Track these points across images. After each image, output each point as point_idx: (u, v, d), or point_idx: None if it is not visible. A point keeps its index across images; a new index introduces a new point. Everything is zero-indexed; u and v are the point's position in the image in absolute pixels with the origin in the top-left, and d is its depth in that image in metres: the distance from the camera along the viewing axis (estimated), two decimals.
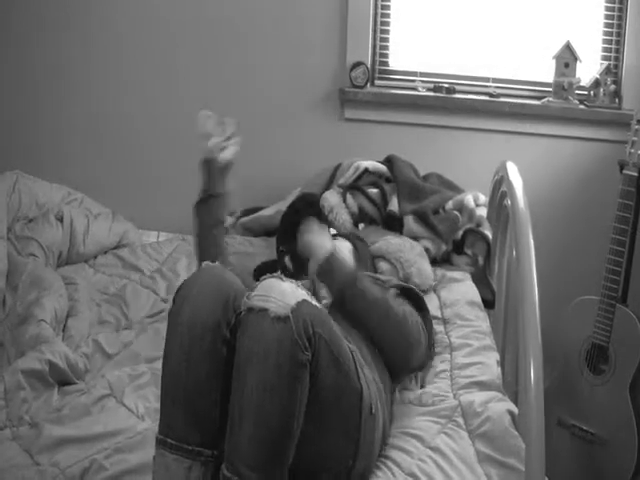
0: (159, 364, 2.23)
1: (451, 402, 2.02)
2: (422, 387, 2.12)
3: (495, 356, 2.24)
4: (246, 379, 1.58)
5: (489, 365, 2.17)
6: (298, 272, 2.11)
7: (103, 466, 1.77)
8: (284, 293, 1.63)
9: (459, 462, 1.82)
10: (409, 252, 2.61)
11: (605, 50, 3.03)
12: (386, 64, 3.23)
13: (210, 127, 2.28)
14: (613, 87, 2.98)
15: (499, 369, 2.18)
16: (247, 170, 3.32)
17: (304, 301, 1.64)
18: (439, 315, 2.48)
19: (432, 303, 2.53)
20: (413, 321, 2.02)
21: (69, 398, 2.08)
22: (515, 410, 1.93)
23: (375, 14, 3.16)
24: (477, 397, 2.01)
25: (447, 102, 3.12)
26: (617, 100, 3.00)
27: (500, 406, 1.95)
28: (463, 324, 2.40)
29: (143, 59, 3.32)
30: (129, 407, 2.03)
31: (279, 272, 1.72)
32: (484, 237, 2.76)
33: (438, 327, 2.42)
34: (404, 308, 2.03)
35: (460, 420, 1.95)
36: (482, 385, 2.08)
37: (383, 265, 2.57)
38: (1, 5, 3.37)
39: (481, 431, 1.90)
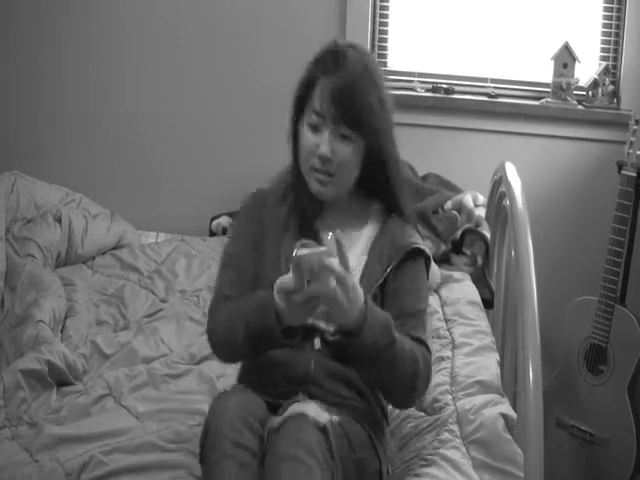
0: (156, 364, 2.25)
1: (448, 408, 2.01)
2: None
3: (495, 356, 2.23)
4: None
5: (489, 365, 2.16)
6: None
7: (103, 461, 1.77)
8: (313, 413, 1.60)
9: (454, 471, 1.79)
10: None
11: (603, 50, 3.03)
12: (385, 64, 3.23)
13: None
14: (611, 87, 2.99)
15: (499, 369, 2.17)
16: (247, 170, 3.33)
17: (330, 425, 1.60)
18: (440, 311, 2.49)
19: (433, 302, 2.53)
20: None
21: (68, 399, 2.08)
22: (509, 413, 1.91)
23: (374, 14, 3.16)
24: (475, 401, 1.98)
25: (445, 102, 3.12)
26: (615, 100, 3.01)
27: (493, 410, 1.92)
28: (464, 322, 2.41)
29: (142, 59, 3.32)
30: (128, 408, 2.03)
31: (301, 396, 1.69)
32: (483, 237, 2.76)
33: (440, 323, 2.42)
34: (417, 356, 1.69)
35: (454, 427, 1.93)
36: (482, 385, 2.06)
37: None
38: (1, 6, 3.37)
39: (474, 438, 1.87)
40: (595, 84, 2.99)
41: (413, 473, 1.81)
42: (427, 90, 3.16)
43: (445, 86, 3.13)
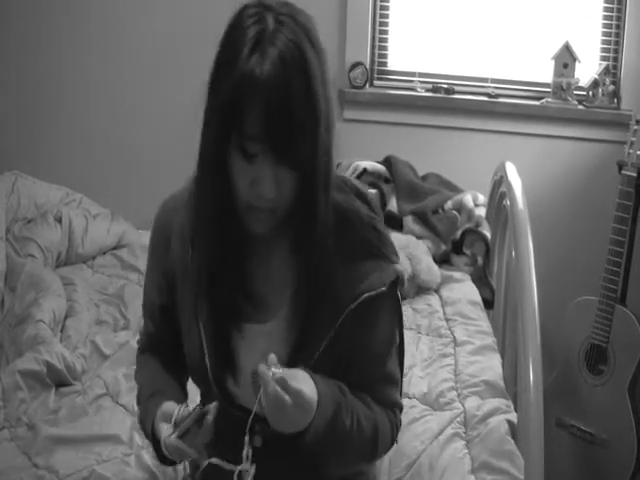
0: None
1: (455, 406, 2.01)
2: None
3: (497, 357, 2.24)
4: None
5: (492, 365, 2.17)
6: None
7: (103, 475, 1.77)
8: None
9: (451, 474, 1.79)
10: (415, 249, 2.62)
11: (604, 50, 3.03)
12: (385, 64, 3.23)
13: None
14: (612, 87, 2.98)
15: (502, 370, 2.17)
16: None
17: None
18: (441, 311, 2.48)
19: (433, 302, 2.53)
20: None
21: (66, 399, 2.08)
22: (514, 420, 1.91)
23: (374, 14, 3.16)
24: (484, 407, 1.98)
25: (446, 102, 3.12)
26: (616, 100, 3.00)
27: (500, 417, 1.93)
28: (465, 322, 2.41)
29: (142, 58, 3.31)
30: (125, 406, 2.04)
31: None
32: (483, 237, 2.76)
33: (441, 322, 2.42)
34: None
35: (460, 429, 1.93)
36: (487, 384, 2.07)
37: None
38: (1, 6, 3.37)
39: (477, 440, 1.88)
40: (595, 84, 2.99)
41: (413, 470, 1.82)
42: (427, 90, 3.16)
43: (445, 86, 3.13)
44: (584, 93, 3.02)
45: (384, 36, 3.19)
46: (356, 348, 1.33)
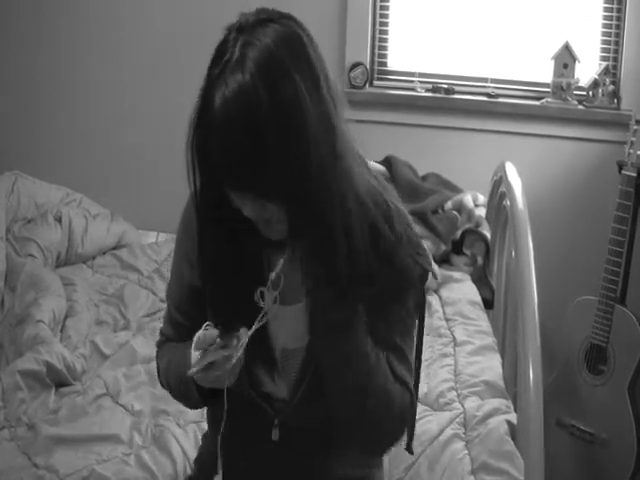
0: (155, 364, 2.24)
1: (454, 407, 2.01)
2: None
3: (497, 357, 2.24)
4: None
5: (492, 366, 2.17)
6: None
7: (103, 475, 1.77)
8: None
9: (450, 475, 1.79)
10: None
11: (604, 51, 3.03)
12: (385, 64, 3.23)
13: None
14: (612, 87, 2.98)
15: (502, 370, 2.17)
16: None
17: None
18: (440, 311, 2.48)
19: (433, 302, 2.53)
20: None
21: (66, 399, 2.09)
22: (514, 421, 1.91)
23: (374, 14, 3.16)
24: (484, 407, 1.98)
25: (446, 103, 3.12)
26: (616, 100, 3.00)
27: (499, 418, 1.93)
28: (465, 322, 2.41)
29: (142, 58, 3.32)
30: (124, 406, 2.05)
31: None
32: (483, 237, 2.76)
33: (440, 322, 2.42)
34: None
35: (460, 430, 1.93)
36: (487, 385, 2.07)
37: None
38: (1, 6, 3.37)
39: (477, 440, 1.88)
40: (595, 84, 2.99)
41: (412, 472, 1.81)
42: (427, 90, 3.16)
43: (445, 86, 3.13)
44: (584, 93, 3.02)
45: (384, 36, 3.20)
46: (376, 324, 1.31)
